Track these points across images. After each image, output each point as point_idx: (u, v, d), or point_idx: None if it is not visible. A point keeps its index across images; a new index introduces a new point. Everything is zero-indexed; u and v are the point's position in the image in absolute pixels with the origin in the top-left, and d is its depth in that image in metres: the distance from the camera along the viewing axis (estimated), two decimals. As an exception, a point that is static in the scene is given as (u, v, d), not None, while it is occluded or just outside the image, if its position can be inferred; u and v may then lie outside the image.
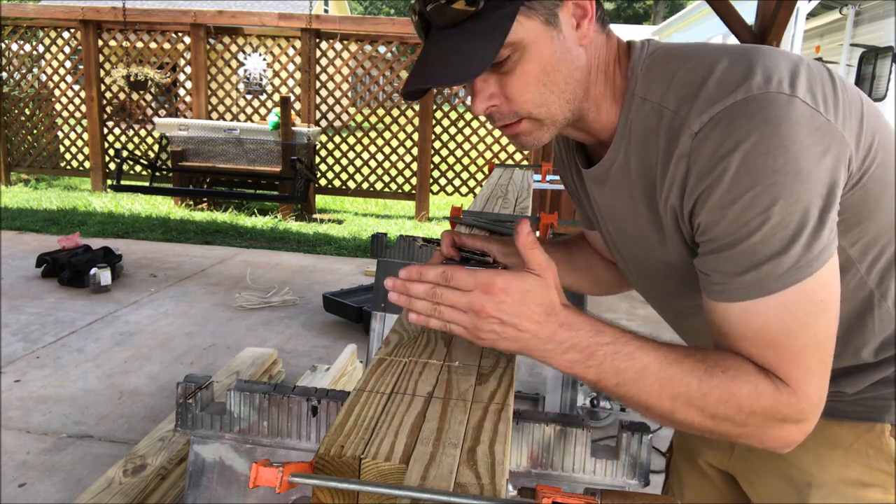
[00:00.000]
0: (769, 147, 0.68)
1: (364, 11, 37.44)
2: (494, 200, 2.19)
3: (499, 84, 0.79)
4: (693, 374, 0.72)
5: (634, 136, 0.82)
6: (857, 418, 0.89)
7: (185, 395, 0.94)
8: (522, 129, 0.82)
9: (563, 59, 0.79)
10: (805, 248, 0.70)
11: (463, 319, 0.73)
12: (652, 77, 0.80)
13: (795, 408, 0.72)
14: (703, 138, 0.72)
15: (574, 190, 1.06)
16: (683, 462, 1.19)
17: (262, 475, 0.57)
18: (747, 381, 0.72)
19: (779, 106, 0.69)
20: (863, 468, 0.89)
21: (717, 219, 0.72)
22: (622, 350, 0.73)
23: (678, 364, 0.73)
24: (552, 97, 0.80)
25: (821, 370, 0.73)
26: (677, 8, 28.52)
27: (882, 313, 0.85)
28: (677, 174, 0.75)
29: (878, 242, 0.81)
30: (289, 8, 13.66)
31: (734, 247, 0.71)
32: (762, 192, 0.69)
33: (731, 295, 0.73)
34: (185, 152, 7.01)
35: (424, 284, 0.74)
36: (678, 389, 0.72)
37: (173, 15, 7.60)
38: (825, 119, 0.71)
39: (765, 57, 0.74)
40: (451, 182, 7.65)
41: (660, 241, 0.84)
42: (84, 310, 4.13)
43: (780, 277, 0.70)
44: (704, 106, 0.72)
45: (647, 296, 1.03)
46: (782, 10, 4.01)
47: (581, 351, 0.73)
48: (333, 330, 3.99)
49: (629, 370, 0.72)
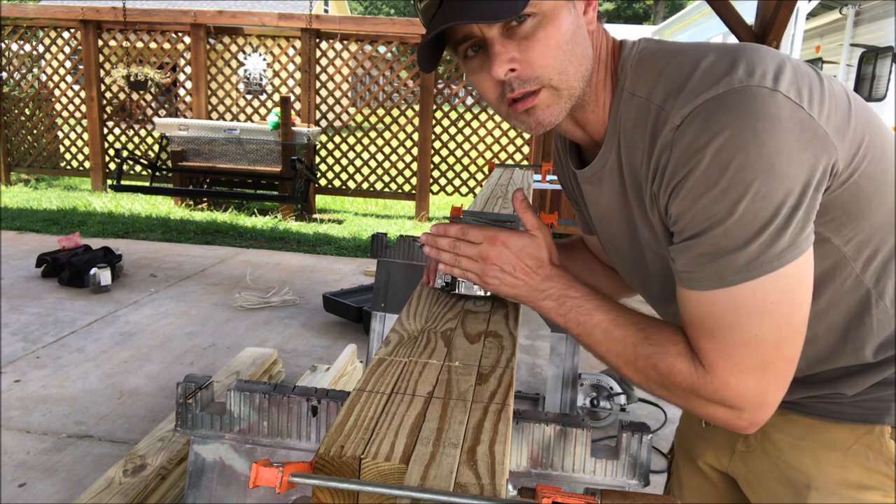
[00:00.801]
0: (743, 142, 0.69)
1: (364, 11, 37.45)
2: (494, 200, 2.18)
3: (518, 49, 0.78)
4: (629, 339, 0.82)
5: (623, 133, 0.83)
6: (857, 420, 0.89)
7: (185, 395, 0.94)
8: (540, 101, 0.81)
9: (578, 34, 0.80)
10: (766, 246, 0.70)
11: (474, 267, 0.90)
12: (640, 73, 0.81)
13: (714, 394, 0.76)
14: (682, 131, 0.73)
15: (572, 193, 1.06)
16: (684, 463, 1.19)
17: (262, 475, 0.57)
18: (665, 358, 0.79)
19: (759, 100, 0.70)
20: (862, 470, 0.89)
21: (686, 209, 0.73)
22: (584, 306, 0.85)
23: (622, 328, 0.83)
24: (572, 66, 0.80)
25: (756, 369, 0.74)
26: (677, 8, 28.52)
27: (880, 313, 0.84)
28: (659, 165, 0.76)
29: (872, 240, 0.81)
30: (289, 8, 13.67)
31: (700, 236, 0.73)
32: (731, 187, 0.69)
33: (691, 283, 0.76)
34: (186, 152, 7.01)
35: (448, 238, 0.91)
36: (618, 349, 0.83)
37: (173, 15, 7.60)
38: (807, 115, 0.71)
39: (750, 53, 0.74)
40: (451, 182, 7.65)
41: (652, 237, 0.85)
42: (84, 310, 4.13)
43: (738, 271, 0.72)
44: (686, 100, 0.73)
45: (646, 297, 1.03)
46: (782, 10, 4.01)
47: (555, 300, 0.87)
48: (333, 330, 3.99)
49: (586, 324, 0.85)
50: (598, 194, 0.93)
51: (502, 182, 2.66)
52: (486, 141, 7.49)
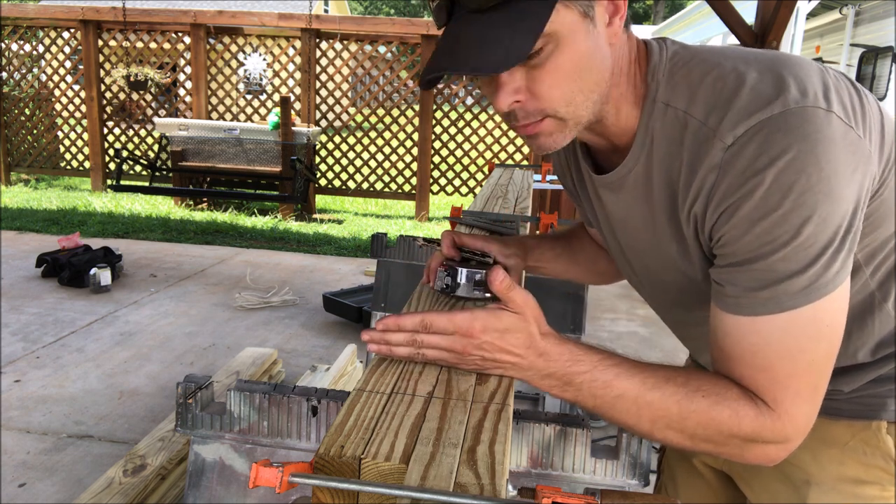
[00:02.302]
0: (804, 165, 0.67)
1: (364, 11, 37.44)
2: (494, 200, 2.19)
3: (525, 78, 0.73)
4: (673, 398, 0.74)
5: (656, 144, 0.79)
6: (854, 416, 0.90)
7: (185, 395, 0.94)
8: (544, 129, 0.77)
9: (594, 57, 0.74)
10: (823, 269, 0.69)
11: (446, 357, 0.77)
12: (675, 82, 0.77)
13: (780, 432, 0.73)
14: (736, 152, 0.70)
15: (572, 188, 1.04)
16: (677, 461, 1.19)
17: (262, 475, 0.57)
18: (728, 406, 0.73)
19: (816, 121, 0.68)
20: (860, 466, 0.90)
21: (741, 233, 0.71)
22: (599, 378, 0.75)
23: (658, 389, 0.74)
24: (581, 96, 0.75)
25: (811, 395, 0.73)
26: (677, 8, 28.51)
27: (882, 315, 0.85)
28: (705, 185, 0.73)
29: (885, 247, 0.81)
30: (289, 8, 13.66)
31: (755, 262, 0.70)
32: (793, 211, 0.67)
33: (742, 309, 0.73)
34: (185, 152, 7.00)
35: (404, 333, 0.77)
36: (657, 414, 0.74)
37: (173, 15, 7.59)
38: (857, 135, 0.70)
39: (794, 68, 0.72)
40: (451, 182, 7.65)
41: (679, 252, 0.82)
42: (84, 310, 4.13)
43: (795, 296, 0.70)
44: (738, 118, 0.70)
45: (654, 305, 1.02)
46: (782, 10, 4.01)
47: (559, 378, 0.76)
48: (333, 330, 3.99)
49: (606, 396, 0.75)
50: (616, 201, 0.89)
51: (502, 182, 2.66)
52: (486, 141, 7.49)
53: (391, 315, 0.78)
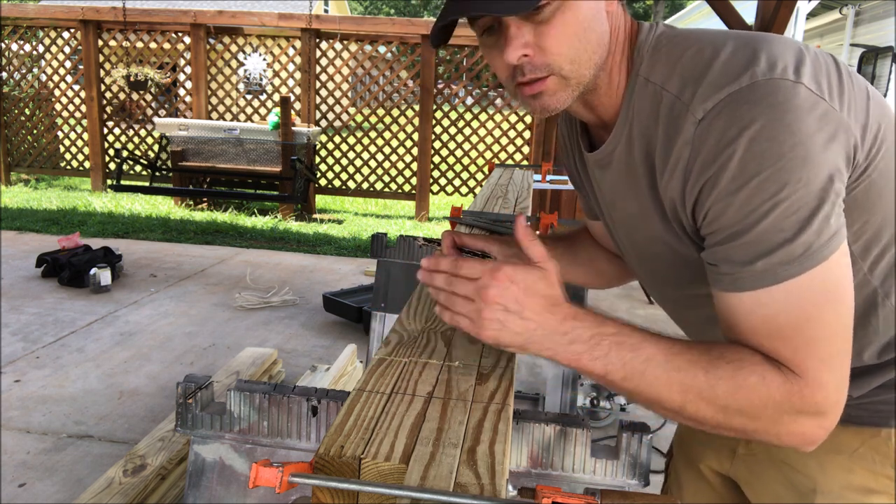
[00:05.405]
0: (774, 132, 0.67)
1: (364, 11, 37.44)
2: (494, 200, 2.19)
3: (533, 34, 0.76)
4: (698, 364, 0.71)
5: (637, 120, 0.81)
6: (862, 423, 0.88)
7: (185, 395, 0.94)
8: (548, 87, 0.79)
9: (596, 20, 0.78)
10: (816, 234, 0.68)
11: (469, 309, 0.73)
12: (657, 58, 0.79)
13: (809, 399, 0.70)
14: (707, 126, 0.71)
15: (577, 177, 1.04)
16: (683, 466, 1.18)
17: (262, 475, 0.57)
18: (753, 371, 0.70)
19: (783, 91, 0.68)
20: (868, 474, 0.88)
21: (724, 207, 0.70)
22: (626, 341, 0.72)
23: (683, 355, 0.71)
24: (584, 55, 0.78)
25: (837, 361, 0.71)
26: (677, 8, 28.50)
27: (886, 312, 0.83)
28: (680, 161, 0.74)
29: (881, 239, 0.80)
30: (289, 8, 13.66)
31: (743, 235, 0.70)
32: (769, 178, 0.67)
33: (741, 284, 0.71)
34: (185, 152, 7.01)
35: (442, 274, 0.76)
36: (686, 381, 0.71)
37: (173, 15, 7.59)
38: (829, 106, 0.70)
39: (769, 44, 0.73)
40: (451, 182, 7.65)
41: (663, 226, 0.83)
42: (84, 310, 4.13)
43: (792, 264, 0.69)
44: (708, 92, 0.71)
45: (646, 284, 1.03)
46: (782, 10, 4.01)
47: (585, 342, 0.72)
48: (333, 330, 3.99)
49: (635, 360, 0.71)
50: (606, 177, 0.90)
51: (502, 182, 2.66)
52: (486, 141, 7.49)
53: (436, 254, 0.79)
